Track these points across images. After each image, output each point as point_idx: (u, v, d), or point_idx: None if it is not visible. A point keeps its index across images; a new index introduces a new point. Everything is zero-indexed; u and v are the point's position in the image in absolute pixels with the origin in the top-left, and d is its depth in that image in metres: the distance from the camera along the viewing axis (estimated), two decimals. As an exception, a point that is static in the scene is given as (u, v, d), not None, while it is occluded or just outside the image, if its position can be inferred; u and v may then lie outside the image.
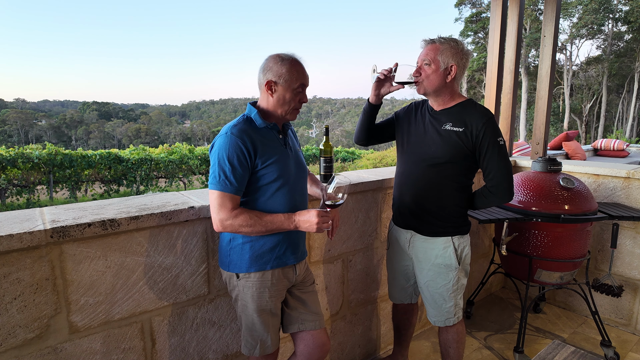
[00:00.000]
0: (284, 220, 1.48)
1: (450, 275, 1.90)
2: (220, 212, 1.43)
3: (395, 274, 2.15)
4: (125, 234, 1.52)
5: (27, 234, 1.30)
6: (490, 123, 1.76)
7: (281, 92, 1.51)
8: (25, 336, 1.36)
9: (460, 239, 1.91)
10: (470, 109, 1.80)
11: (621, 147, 6.53)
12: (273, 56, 1.52)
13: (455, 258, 1.88)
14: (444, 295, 1.93)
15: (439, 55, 1.74)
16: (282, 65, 1.49)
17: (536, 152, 3.47)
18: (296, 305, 1.68)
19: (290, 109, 1.55)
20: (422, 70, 1.78)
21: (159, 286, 1.64)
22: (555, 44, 3.25)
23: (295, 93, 1.52)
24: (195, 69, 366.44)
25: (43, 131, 70.46)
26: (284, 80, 1.49)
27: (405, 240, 2.01)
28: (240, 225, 1.43)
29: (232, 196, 1.44)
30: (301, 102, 1.57)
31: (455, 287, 1.92)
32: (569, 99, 30.92)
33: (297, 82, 1.50)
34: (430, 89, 1.79)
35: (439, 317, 1.98)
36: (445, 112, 1.84)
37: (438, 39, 1.77)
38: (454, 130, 1.79)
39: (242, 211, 1.45)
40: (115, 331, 1.55)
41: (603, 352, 2.61)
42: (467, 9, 32.50)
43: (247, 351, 1.63)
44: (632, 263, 2.85)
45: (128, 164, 12.72)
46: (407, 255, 2.04)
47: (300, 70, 1.52)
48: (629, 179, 2.83)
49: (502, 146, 1.78)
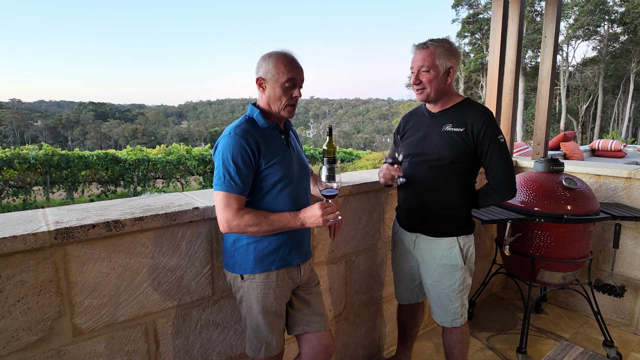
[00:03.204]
0: (290, 218, 1.46)
1: (456, 275, 1.89)
2: (226, 213, 1.42)
3: (401, 275, 2.14)
4: (130, 235, 1.51)
5: (30, 236, 1.28)
6: (490, 121, 1.75)
7: (270, 88, 1.50)
8: (28, 339, 1.34)
9: (466, 239, 1.90)
10: (469, 109, 1.80)
11: (618, 147, 6.56)
12: (264, 54, 1.52)
13: (461, 258, 1.88)
14: (450, 296, 1.92)
15: (437, 60, 1.73)
16: (269, 61, 1.49)
17: (537, 152, 3.47)
18: (301, 306, 1.67)
19: (282, 105, 1.51)
20: (421, 77, 1.76)
21: (163, 288, 1.62)
22: (556, 44, 3.26)
23: (284, 88, 1.48)
24: (192, 69, 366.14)
25: (39, 132, 70.09)
26: (271, 76, 1.48)
27: (411, 241, 2.00)
28: (247, 225, 1.42)
29: (238, 196, 1.43)
30: (293, 98, 1.51)
31: (462, 287, 1.91)
32: (566, 100, 31.08)
33: (284, 76, 1.47)
34: (433, 95, 1.79)
35: (445, 317, 1.97)
36: (444, 114, 1.84)
37: (431, 43, 1.75)
38: (454, 131, 1.78)
39: (247, 211, 1.43)
40: (119, 333, 1.53)
41: (605, 353, 2.62)
42: (465, 10, 32.63)
43: (252, 353, 1.61)
44: (634, 263, 2.86)
45: (125, 164, 12.66)
46: (413, 257, 2.03)
47: (287, 64, 1.48)
48: (630, 179, 2.83)
49: (502, 144, 1.77)
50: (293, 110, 1.54)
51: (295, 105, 1.54)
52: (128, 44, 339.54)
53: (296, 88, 1.52)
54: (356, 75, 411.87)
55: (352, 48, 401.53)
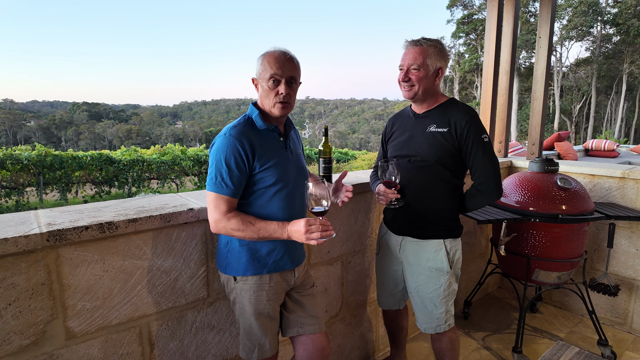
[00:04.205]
0: (276, 228, 1.43)
1: (442, 279, 1.85)
2: (214, 214, 1.42)
3: (384, 279, 2.11)
4: (123, 236, 1.49)
5: (22, 238, 1.27)
6: (473, 121, 1.74)
7: (260, 87, 1.50)
8: (20, 343, 1.32)
9: (452, 242, 1.88)
10: (453, 109, 1.79)
11: (612, 147, 6.62)
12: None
13: (447, 261, 1.85)
14: (434, 301, 1.88)
15: (428, 59, 1.73)
16: (259, 60, 1.50)
17: (532, 152, 3.49)
18: (295, 308, 1.65)
19: (271, 102, 1.48)
20: (410, 74, 1.75)
21: (158, 290, 1.61)
22: (550, 45, 3.27)
23: (270, 85, 1.46)
24: (187, 70, 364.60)
25: (32, 132, 69.46)
26: (259, 74, 1.49)
27: (397, 243, 1.97)
28: (233, 229, 1.41)
29: (228, 198, 1.42)
30: (280, 95, 1.46)
31: (447, 292, 1.87)
32: (559, 100, 31.31)
33: (267, 73, 1.46)
34: (420, 94, 1.78)
35: (429, 323, 1.92)
36: (429, 114, 1.83)
37: (424, 42, 1.74)
38: (438, 132, 1.77)
39: (235, 214, 1.42)
40: (113, 336, 1.52)
41: (600, 351, 2.63)
42: (459, 10, 32.77)
43: (245, 355, 1.60)
44: (628, 262, 2.88)
45: (119, 165, 12.57)
46: (397, 260, 2.00)
47: (272, 61, 1.45)
48: (624, 179, 2.85)
49: (486, 143, 1.76)
50: (284, 108, 1.49)
51: (286, 102, 1.49)
52: (122, 44, 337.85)
53: (281, 84, 1.46)
54: (351, 76, 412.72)
55: (348, 48, 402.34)
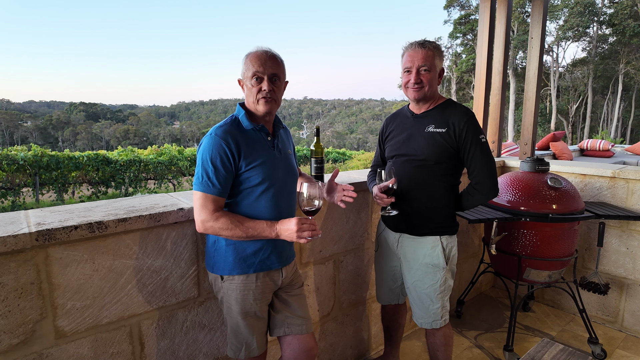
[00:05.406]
0: (265, 227, 1.45)
1: (438, 275, 1.90)
2: (202, 214, 1.43)
3: (383, 275, 2.15)
4: (113, 236, 1.50)
5: (11, 237, 1.27)
6: (471, 122, 1.79)
7: (245, 86, 1.52)
8: (9, 342, 1.33)
9: (449, 239, 1.92)
10: (451, 110, 1.83)
11: (606, 147, 6.65)
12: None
13: (443, 258, 1.89)
14: (431, 296, 1.92)
15: (436, 60, 1.79)
16: (243, 61, 1.53)
17: (524, 152, 3.51)
18: (282, 308, 1.65)
19: (255, 99, 1.50)
20: (422, 76, 1.79)
21: (148, 289, 1.61)
22: (542, 45, 3.30)
23: (252, 83, 1.48)
24: (184, 70, 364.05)
25: (29, 132, 69.23)
26: (243, 73, 1.52)
27: (395, 240, 2.02)
28: (221, 228, 1.42)
29: (215, 198, 1.43)
30: (263, 91, 1.47)
31: (443, 287, 1.92)
32: (556, 100, 31.43)
33: (250, 71, 1.48)
34: (429, 94, 1.83)
35: (425, 318, 1.97)
36: (427, 115, 1.87)
37: (430, 44, 1.79)
38: (437, 132, 1.82)
39: (223, 214, 1.43)
40: (103, 335, 1.52)
41: (590, 349, 2.65)
42: (456, 11, 32.85)
43: (232, 353, 1.61)
44: (618, 261, 2.90)
45: (116, 165, 12.55)
46: (396, 256, 2.05)
47: (254, 59, 1.48)
48: (614, 178, 2.88)
49: (484, 143, 1.81)
50: (267, 102, 1.49)
51: (270, 98, 1.48)
52: (120, 45, 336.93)
53: (264, 82, 1.47)
54: (349, 76, 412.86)
55: (345, 49, 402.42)
